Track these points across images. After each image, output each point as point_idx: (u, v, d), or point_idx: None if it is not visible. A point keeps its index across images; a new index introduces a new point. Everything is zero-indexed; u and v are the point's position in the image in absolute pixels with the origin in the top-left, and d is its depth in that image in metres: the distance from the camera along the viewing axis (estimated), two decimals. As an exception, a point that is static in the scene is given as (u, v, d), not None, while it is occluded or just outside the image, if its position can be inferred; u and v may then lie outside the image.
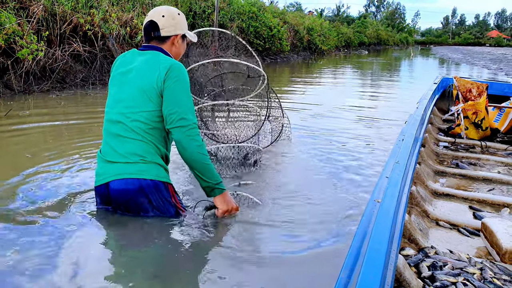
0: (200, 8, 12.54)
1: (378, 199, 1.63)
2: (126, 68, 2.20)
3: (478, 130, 4.13)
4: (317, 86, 9.78)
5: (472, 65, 20.79)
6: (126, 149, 2.07)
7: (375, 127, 5.11)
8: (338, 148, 3.96)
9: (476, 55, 32.54)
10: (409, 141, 2.56)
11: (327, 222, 2.30)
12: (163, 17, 2.21)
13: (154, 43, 2.24)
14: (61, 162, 3.15)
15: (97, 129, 4.37)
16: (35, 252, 1.85)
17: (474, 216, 2.41)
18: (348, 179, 3.06)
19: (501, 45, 74.71)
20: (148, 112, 2.08)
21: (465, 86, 4.70)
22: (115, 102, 2.16)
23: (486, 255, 1.94)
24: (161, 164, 2.12)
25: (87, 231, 2.06)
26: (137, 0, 10.04)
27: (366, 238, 1.32)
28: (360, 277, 1.10)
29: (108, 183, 2.09)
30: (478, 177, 3.05)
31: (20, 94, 6.17)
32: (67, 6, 7.48)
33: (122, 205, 2.11)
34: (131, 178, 2.04)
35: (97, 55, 7.84)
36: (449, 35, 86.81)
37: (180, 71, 2.13)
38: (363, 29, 39.20)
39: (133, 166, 2.05)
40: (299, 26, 20.74)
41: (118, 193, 2.08)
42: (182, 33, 2.29)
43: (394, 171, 1.98)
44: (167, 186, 2.13)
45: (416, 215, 2.23)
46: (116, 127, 2.11)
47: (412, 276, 1.60)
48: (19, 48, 6.22)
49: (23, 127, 4.38)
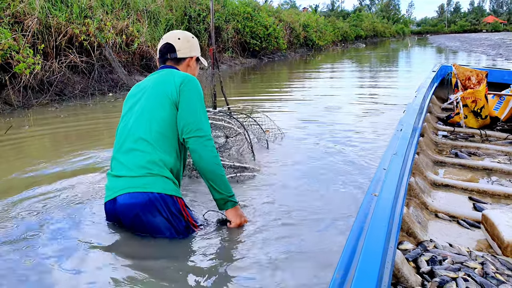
0: (195, 12, 12.54)
1: (375, 192, 1.59)
2: (141, 87, 2.26)
3: (478, 119, 4.08)
4: (315, 82, 9.77)
5: (470, 52, 20.70)
6: (133, 162, 2.04)
7: (377, 116, 5.10)
8: (338, 141, 3.94)
9: (473, 41, 32.42)
10: (407, 131, 2.52)
11: (325, 219, 2.27)
12: (178, 40, 2.31)
13: (170, 64, 2.32)
14: (63, 173, 3.16)
15: (100, 138, 4.40)
16: (41, 264, 1.85)
17: (474, 208, 2.36)
18: (346, 172, 3.04)
19: (498, 30, 74.39)
20: (159, 121, 2.08)
21: (464, 74, 4.65)
22: (127, 118, 2.19)
23: (487, 248, 1.89)
24: (168, 177, 2.05)
25: (94, 245, 2.04)
26: (131, 8, 10.06)
27: (362, 234, 1.28)
28: (356, 276, 1.06)
29: (116, 198, 2.04)
30: (478, 166, 3.00)
31: (19, 109, 6.18)
32: (61, 17, 7.50)
33: (129, 221, 2.04)
34: (137, 192, 1.98)
35: (95, 65, 7.84)
36: (445, 24, 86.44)
37: (195, 83, 2.18)
38: (359, 22, 39.16)
39: (139, 180, 2.00)
40: (294, 23, 20.72)
41: (124, 208, 2.01)
42: (197, 55, 2.39)
43: (392, 162, 1.94)
44: (175, 199, 2.05)
45: (414, 207, 2.18)
46: (125, 139, 2.12)
47: (411, 271, 1.56)
48: (15, 63, 6.21)
49: (24, 141, 4.39)
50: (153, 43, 9.90)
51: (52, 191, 2.79)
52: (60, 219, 2.34)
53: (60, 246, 2.03)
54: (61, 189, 2.82)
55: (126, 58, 8.83)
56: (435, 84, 5.18)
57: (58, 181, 2.99)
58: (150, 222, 2.00)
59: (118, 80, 8.09)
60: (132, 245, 2.03)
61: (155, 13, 10.78)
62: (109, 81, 8.04)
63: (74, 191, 2.78)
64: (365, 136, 4.19)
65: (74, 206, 2.53)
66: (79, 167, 3.34)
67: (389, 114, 5.23)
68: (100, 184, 2.88)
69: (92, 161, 3.49)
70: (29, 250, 1.99)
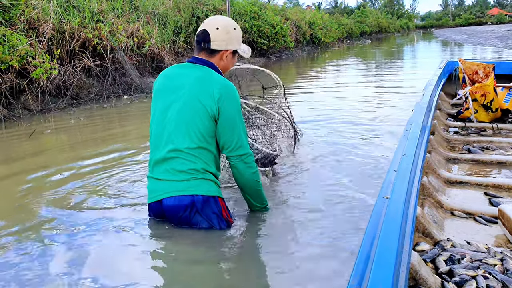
0: (203, 13, 12.67)
1: (387, 195, 1.57)
2: (176, 83, 2.18)
3: (488, 112, 4.07)
4: (324, 80, 9.86)
5: (478, 45, 20.60)
6: (176, 168, 2.12)
7: (385, 115, 5.14)
8: (350, 142, 3.95)
9: (480, 34, 32.23)
10: (416, 130, 2.50)
11: (340, 226, 2.24)
12: (217, 29, 2.17)
13: (204, 55, 2.20)
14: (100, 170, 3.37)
15: (126, 138, 4.57)
16: (88, 253, 2.06)
17: (490, 203, 2.32)
18: (360, 175, 3.00)
19: (503, 22, 73.72)
20: (199, 135, 2.10)
21: (471, 68, 4.63)
22: (163, 119, 2.17)
23: (506, 243, 1.86)
24: (211, 179, 2.16)
25: (138, 240, 2.19)
26: (141, 11, 10.19)
27: (375, 239, 1.27)
28: (370, 281, 1.06)
29: (162, 200, 2.16)
30: (492, 161, 2.96)
31: (38, 114, 6.34)
32: (74, 22, 7.65)
33: (175, 221, 2.18)
34: (183, 195, 2.11)
35: (108, 69, 8.00)
36: (449, 17, 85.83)
37: (233, 95, 2.14)
38: (363, 18, 39.00)
39: (184, 184, 2.11)
40: (300, 21, 20.78)
41: (171, 209, 2.14)
42: (234, 49, 2.24)
43: (401, 163, 1.92)
44: (217, 200, 2.18)
45: (429, 207, 2.15)
46: (165, 145, 2.14)
47: (429, 273, 1.53)
48: (32, 69, 6.36)
49: (52, 142, 4.56)
50: (163, 45, 10.06)
51: (95, 185, 3.03)
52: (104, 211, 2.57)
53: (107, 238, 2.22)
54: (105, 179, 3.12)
55: (137, 61, 8.98)
56: (443, 80, 5.16)
57: (101, 174, 3.26)
58: (194, 222, 2.15)
59: (132, 83, 8.24)
60: (175, 236, 2.19)
61: (164, 15, 10.91)
62: (123, 84, 8.19)
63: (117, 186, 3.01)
64: (378, 136, 4.20)
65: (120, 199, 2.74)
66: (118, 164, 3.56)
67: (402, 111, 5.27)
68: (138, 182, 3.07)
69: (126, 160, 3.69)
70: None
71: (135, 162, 3.55)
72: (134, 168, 3.37)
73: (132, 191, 2.86)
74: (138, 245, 2.13)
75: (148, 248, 2.11)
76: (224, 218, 2.21)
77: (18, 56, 6.20)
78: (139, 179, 3.07)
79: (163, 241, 2.15)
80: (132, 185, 2.98)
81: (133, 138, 4.65)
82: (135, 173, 3.24)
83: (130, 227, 2.32)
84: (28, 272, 1.91)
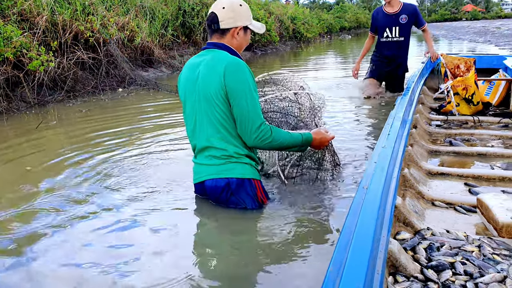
0: (189, 6, 12.75)
1: (366, 185, 1.63)
2: (194, 74, 2.29)
3: (470, 106, 4.12)
4: (313, 72, 10.06)
5: (458, 40, 21.08)
6: (212, 155, 2.32)
7: (371, 110, 5.20)
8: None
9: (458, 29, 32.97)
10: (397, 124, 2.59)
11: (324, 220, 2.32)
12: (223, 9, 2.22)
13: (216, 38, 2.28)
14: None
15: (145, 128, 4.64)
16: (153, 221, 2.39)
17: (470, 193, 2.38)
18: (343, 169, 3.04)
19: (478, 18, 75.68)
20: (223, 123, 2.25)
21: (452, 63, 4.69)
22: (191, 110, 2.35)
23: (484, 231, 1.92)
24: (246, 162, 2.33)
25: (186, 213, 2.50)
26: (129, 4, 10.26)
27: (354, 227, 1.31)
28: (347, 264, 1.09)
29: (204, 182, 2.38)
30: (472, 153, 3.03)
31: (36, 106, 6.37)
32: (66, 15, 7.68)
33: (214, 199, 2.41)
34: (220, 177, 2.31)
35: (102, 61, 8.08)
36: (425, 13, 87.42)
37: (238, 69, 2.16)
38: (342, 14, 39.46)
39: (220, 167, 2.30)
40: (283, 16, 21.00)
41: (211, 190, 2.37)
42: (243, 25, 2.28)
43: (381, 155, 2.00)
44: (252, 182, 2.34)
45: (410, 198, 2.20)
46: (198, 137, 2.34)
47: (409, 260, 1.57)
48: (27, 61, 6.37)
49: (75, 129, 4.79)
50: (151, 38, 10.17)
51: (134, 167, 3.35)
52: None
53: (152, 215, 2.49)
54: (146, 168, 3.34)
55: (128, 54, 9.07)
56: (425, 75, 5.26)
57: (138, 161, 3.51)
58: (230, 202, 2.38)
59: (125, 76, 8.35)
60: (214, 211, 2.45)
61: (152, 9, 10.99)
62: (117, 77, 8.30)
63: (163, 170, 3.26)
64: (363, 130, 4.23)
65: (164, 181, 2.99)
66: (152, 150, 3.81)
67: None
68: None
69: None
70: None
71: (173, 148, 3.85)
72: (176, 153, 3.67)
73: (181, 172, 3.08)
74: (186, 216, 2.46)
75: (193, 218, 2.45)
76: (259, 199, 2.39)
77: (13, 48, 6.19)
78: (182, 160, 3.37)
79: (205, 215, 2.46)
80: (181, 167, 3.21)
81: (150, 128, 4.76)
82: (177, 157, 3.54)
83: (182, 201, 2.64)
84: (86, 243, 2.19)
